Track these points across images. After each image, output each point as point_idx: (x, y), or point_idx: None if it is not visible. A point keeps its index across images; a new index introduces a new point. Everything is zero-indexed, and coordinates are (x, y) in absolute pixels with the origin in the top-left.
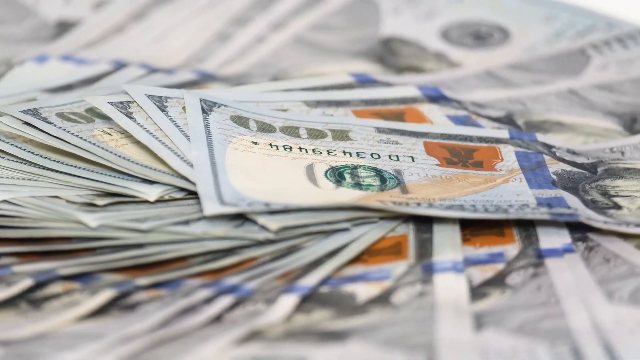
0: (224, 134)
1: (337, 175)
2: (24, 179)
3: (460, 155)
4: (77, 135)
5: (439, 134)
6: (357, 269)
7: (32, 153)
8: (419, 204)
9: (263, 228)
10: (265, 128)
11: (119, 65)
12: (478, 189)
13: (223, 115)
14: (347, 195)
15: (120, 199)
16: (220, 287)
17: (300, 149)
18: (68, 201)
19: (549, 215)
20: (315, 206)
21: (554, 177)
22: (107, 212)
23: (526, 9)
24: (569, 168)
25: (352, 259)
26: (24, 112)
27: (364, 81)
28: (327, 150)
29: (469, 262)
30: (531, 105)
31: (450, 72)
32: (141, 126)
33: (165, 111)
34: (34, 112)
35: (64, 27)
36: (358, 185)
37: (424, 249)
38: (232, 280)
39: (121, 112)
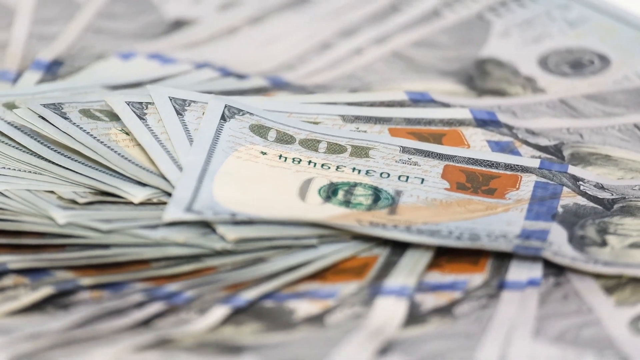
0: (233, 142)
1: (330, 191)
2: (28, 171)
3: (477, 181)
4: (87, 132)
5: (464, 158)
6: (311, 286)
7: (44, 145)
8: (395, 227)
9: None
10: (284, 139)
11: (198, 67)
12: (472, 216)
13: (242, 123)
14: (330, 211)
15: (110, 199)
16: (157, 293)
17: (310, 162)
18: (59, 197)
19: (514, 247)
20: (281, 220)
21: (560, 209)
22: (80, 211)
23: (638, 40)
24: (584, 202)
25: (312, 275)
26: (44, 105)
27: (419, 100)
28: (337, 166)
29: (427, 288)
30: (588, 136)
31: (529, 97)
32: (148, 127)
33: (181, 114)
34: (56, 107)
35: (177, 26)
36: (346, 202)
37: (384, 272)
38: (172, 287)
39: (135, 112)
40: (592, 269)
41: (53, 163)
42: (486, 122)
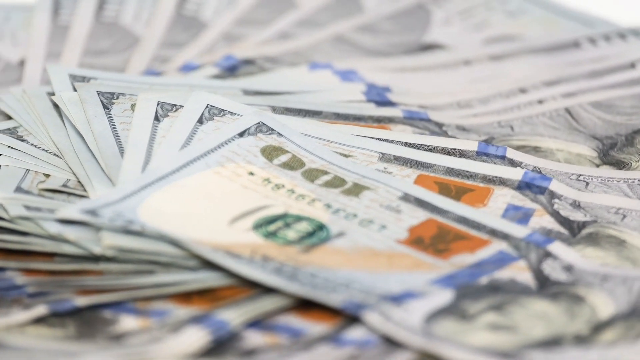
0: (228, 157)
1: (269, 221)
2: (51, 152)
3: (441, 237)
4: (108, 124)
5: (457, 217)
6: (159, 305)
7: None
8: (252, 261)
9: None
10: (291, 165)
11: (370, 88)
12: (381, 269)
13: (259, 142)
14: (237, 238)
15: (79, 192)
16: (5, 283)
17: (290, 190)
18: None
19: (344, 303)
20: (170, 237)
21: (485, 281)
22: (24, 195)
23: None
24: (551, 225)
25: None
26: (100, 92)
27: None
28: (313, 199)
29: (265, 327)
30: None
31: None
32: (110, 120)
33: (202, 122)
34: (110, 95)
35: (430, 47)
36: (270, 234)
37: (231, 304)
38: (21, 280)
39: (103, 102)
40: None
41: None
42: (413, 118)
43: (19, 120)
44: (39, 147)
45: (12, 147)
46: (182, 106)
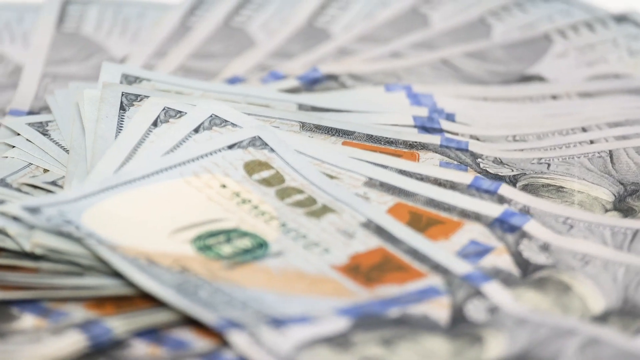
0: (205, 167)
1: (212, 234)
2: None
3: (381, 267)
4: (115, 125)
5: (408, 248)
6: (66, 307)
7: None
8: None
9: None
10: (271, 182)
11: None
12: (293, 292)
13: (244, 155)
14: (175, 249)
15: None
16: None
17: (254, 207)
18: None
19: (213, 322)
20: (82, 239)
21: (393, 312)
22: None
23: None
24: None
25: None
26: (124, 93)
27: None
28: (272, 217)
29: (148, 338)
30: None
31: None
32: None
33: (197, 131)
34: (132, 97)
35: (530, 78)
36: (205, 248)
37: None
38: None
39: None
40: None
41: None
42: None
43: (55, 115)
44: (57, 143)
45: (29, 140)
46: (186, 113)
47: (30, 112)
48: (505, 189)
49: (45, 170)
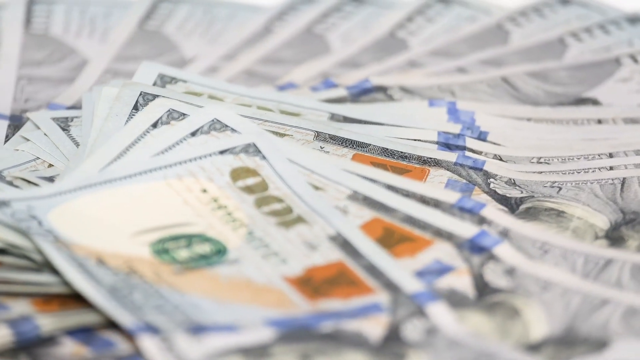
0: (190, 171)
1: (174, 238)
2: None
3: (333, 281)
4: (118, 120)
5: (367, 264)
6: (9, 302)
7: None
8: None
9: None
10: (253, 189)
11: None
12: (232, 300)
13: (234, 161)
14: (132, 251)
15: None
16: None
17: (228, 214)
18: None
19: (136, 326)
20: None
21: (330, 327)
22: None
23: None
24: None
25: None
26: (142, 93)
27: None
28: (242, 224)
29: (78, 337)
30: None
31: None
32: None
33: (194, 135)
34: (150, 98)
35: (583, 101)
36: (162, 251)
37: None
38: None
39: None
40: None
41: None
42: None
43: (83, 111)
44: (73, 139)
45: (45, 134)
46: (189, 116)
47: (14, 116)
48: (487, 210)
49: (50, 165)
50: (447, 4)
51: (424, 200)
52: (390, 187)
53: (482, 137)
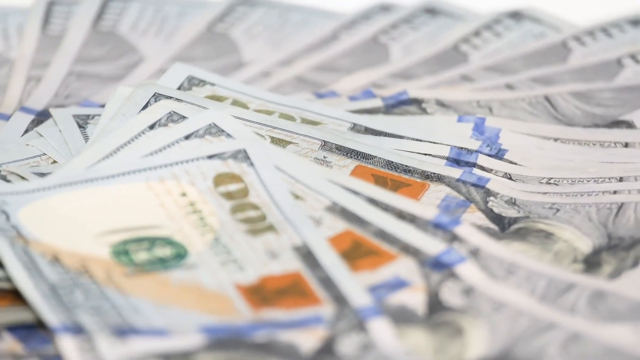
0: (173, 174)
1: (137, 240)
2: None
3: (283, 292)
4: (124, 120)
5: (324, 275)
6: None
7: None
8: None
9: None
10: (234, 195)
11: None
12: (175, 304)
13: (220, 167)
14: (90, 251)
15: None
16: None
17: (201, 219)
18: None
19: (54, 324)
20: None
21: (265, 337)
22: None
23: None
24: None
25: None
26: (155, 94)
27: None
28: (211, 230)
29: (17, 334)
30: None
31: None
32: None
33: (188, 138)
34: (160, 99)
35: (619, 124)
36: (121, 253)
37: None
38: None
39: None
40: None
41: None
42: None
43: (106, 109)
44: (87, 137)
45: (60, 131)
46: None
47: (43, 111)
48: (461, 228)
49: (54, 162)
50: (518, 20)
51: (401, 215)
52: (371, 201)
53: (499, 154)
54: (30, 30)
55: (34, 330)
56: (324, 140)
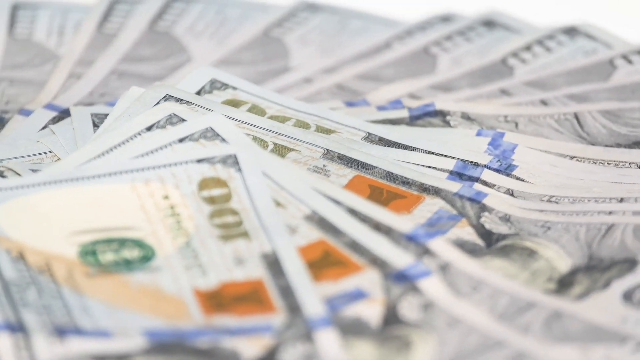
0: (159, 177)
1: (107, 241)
2: None
3: (241, 298)
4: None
5: (284, 285)
6: None
7: None
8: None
9: None
10: (216, 200)
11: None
12: (129, 306)
13: (207, 171)
14: (58, 249)
15: None
16: None
17: (177, 222)
18: None
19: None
20: None
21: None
22: None
23: None
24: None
25: None
26: (167, 95)
27: None
28: (184, 234)
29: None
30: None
31: None
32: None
33: (182, 141)
34: (167, 98)
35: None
36: (88, 253)
37: None
38: None
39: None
40: None
41: None
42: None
43: (114, 109)
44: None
45: (73, 129)
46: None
47: (68, 109)
48: (434, 242)
49: (58, 159)
50: (572, 36)
51: (377, 226)
52: (351, 211)
53: (509, 170)
54: (86, 27)
55: None
56: (326, 149)
